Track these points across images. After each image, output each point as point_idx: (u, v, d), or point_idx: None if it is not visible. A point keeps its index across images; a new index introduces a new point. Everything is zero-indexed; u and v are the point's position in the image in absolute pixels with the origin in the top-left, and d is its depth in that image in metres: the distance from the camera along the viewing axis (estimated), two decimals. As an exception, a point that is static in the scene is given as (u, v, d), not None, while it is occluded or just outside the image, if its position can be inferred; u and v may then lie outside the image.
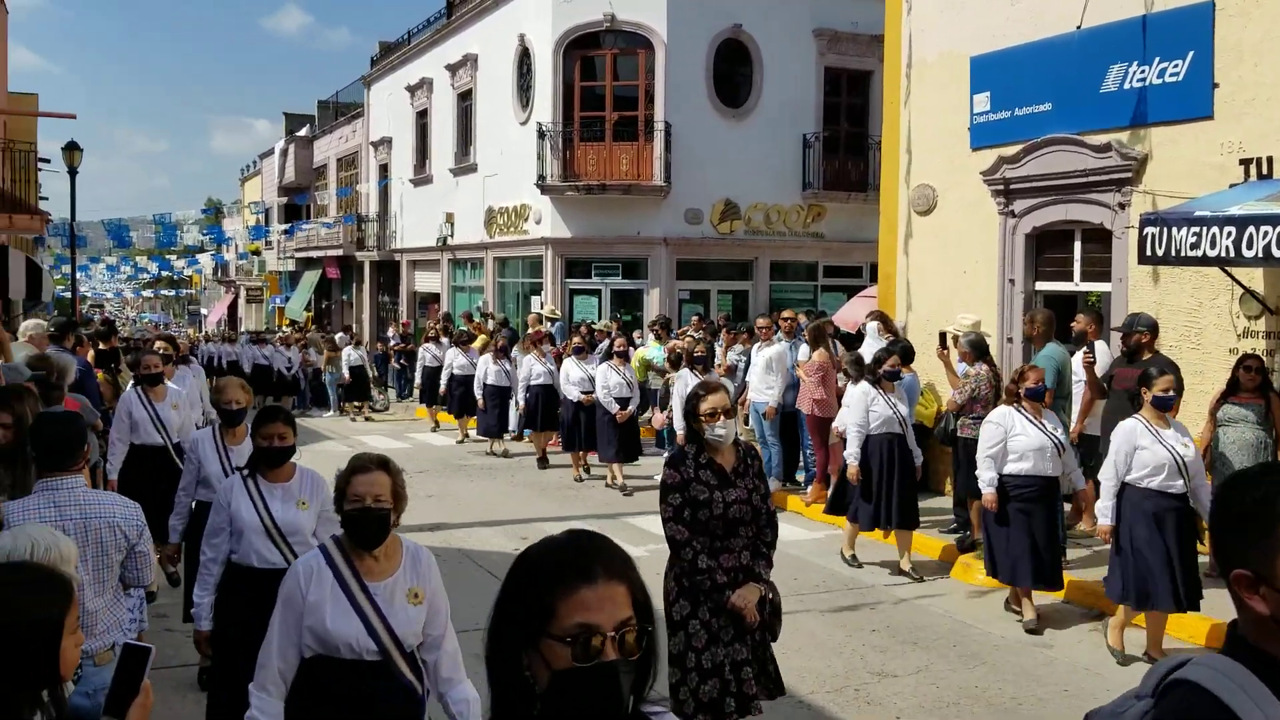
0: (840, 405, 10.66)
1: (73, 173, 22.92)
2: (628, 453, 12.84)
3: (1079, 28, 10.07)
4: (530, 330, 16.64)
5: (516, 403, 14.74)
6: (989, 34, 11.16)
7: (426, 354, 18.67)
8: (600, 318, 19.28)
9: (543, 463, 14.31)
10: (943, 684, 6.47)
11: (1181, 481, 6.58)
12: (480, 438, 15.77)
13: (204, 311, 68.82)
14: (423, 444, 16.86)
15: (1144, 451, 6.62)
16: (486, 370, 14.86)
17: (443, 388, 16.91)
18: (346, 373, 20.83)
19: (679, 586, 4.81)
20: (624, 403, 12.60)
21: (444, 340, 18.43)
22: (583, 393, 13.03)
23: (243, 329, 41.22)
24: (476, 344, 17.65)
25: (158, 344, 10.92)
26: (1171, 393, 6.73)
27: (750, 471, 4.83)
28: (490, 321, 19.75)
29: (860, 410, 8.97)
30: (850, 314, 14.69)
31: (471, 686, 3.55)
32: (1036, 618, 7.47)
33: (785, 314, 13.01)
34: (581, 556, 1.68)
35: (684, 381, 11.68)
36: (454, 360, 16.45)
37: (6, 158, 19.22)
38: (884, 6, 12.88)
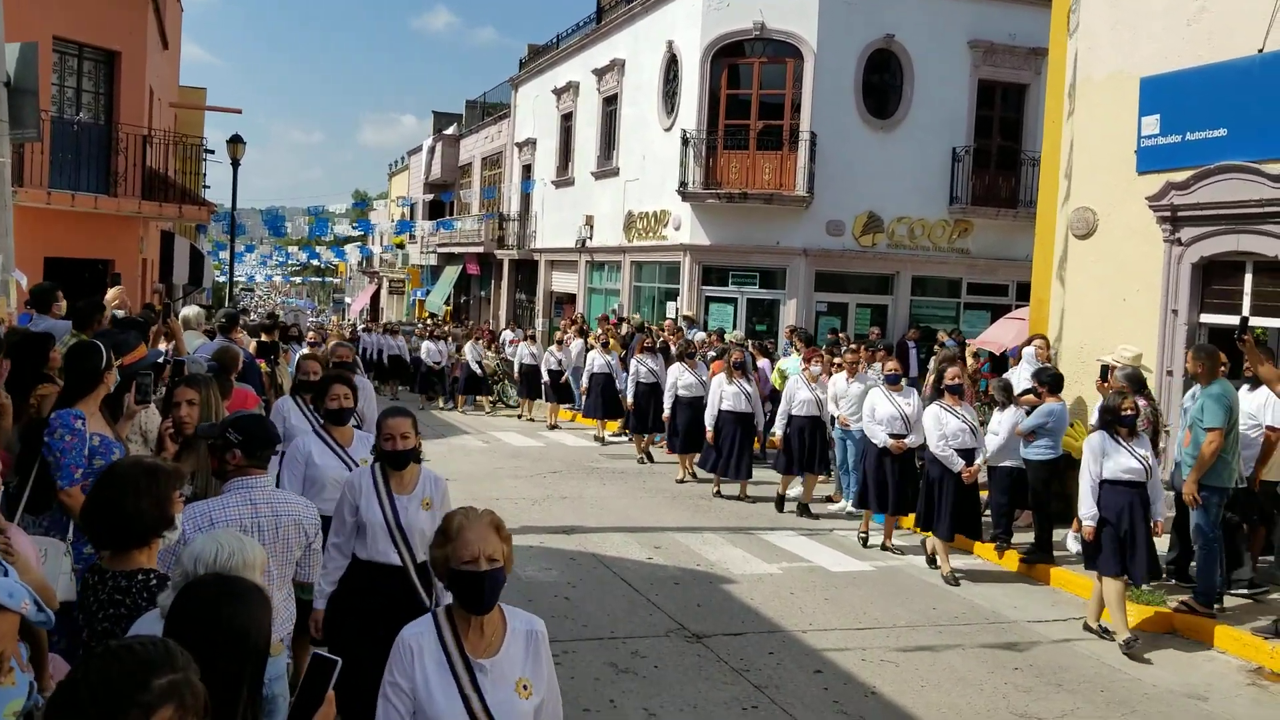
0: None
1: (235, 164, 24.09)
2: (972, 530, 9.61)
3: (1261, 51, 9.61)
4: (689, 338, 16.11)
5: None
6: (1161, 55, 10.74)
7: (641, 367, 15.31)
8: (734, 326, 19.27)
9: (804, 509, 11.81)
10: (1090, 731, 6.27)
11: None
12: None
13: (348, 300, 71.36)
14: (555, 443, 17.12)
15: None
16: (722, 393, 12.47)
17: (667, 412, 13.93)
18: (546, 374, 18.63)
19: None
20: (969, 456, 9.26)
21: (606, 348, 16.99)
22: (892, 435, 9.96)
23: (385, 319, 42.48)
24: (612, 345, 17.74)
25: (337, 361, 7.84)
26: None
27: None
28: (625, 326, 19.93)
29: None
30: (996, 335, 14.33)
31: None
32: None
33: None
34: None
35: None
36: (679, 378, 13.64)
37: (177, 150, 20.28)
38: (1045, 19, 12.53)
